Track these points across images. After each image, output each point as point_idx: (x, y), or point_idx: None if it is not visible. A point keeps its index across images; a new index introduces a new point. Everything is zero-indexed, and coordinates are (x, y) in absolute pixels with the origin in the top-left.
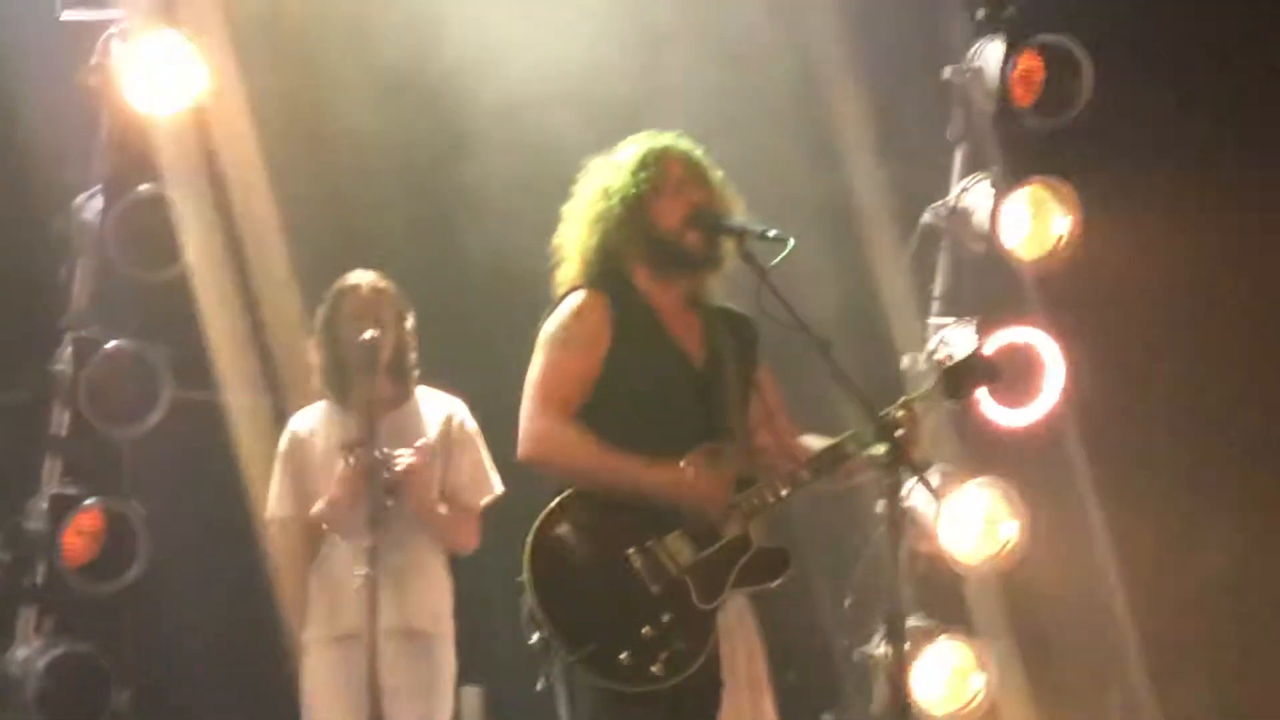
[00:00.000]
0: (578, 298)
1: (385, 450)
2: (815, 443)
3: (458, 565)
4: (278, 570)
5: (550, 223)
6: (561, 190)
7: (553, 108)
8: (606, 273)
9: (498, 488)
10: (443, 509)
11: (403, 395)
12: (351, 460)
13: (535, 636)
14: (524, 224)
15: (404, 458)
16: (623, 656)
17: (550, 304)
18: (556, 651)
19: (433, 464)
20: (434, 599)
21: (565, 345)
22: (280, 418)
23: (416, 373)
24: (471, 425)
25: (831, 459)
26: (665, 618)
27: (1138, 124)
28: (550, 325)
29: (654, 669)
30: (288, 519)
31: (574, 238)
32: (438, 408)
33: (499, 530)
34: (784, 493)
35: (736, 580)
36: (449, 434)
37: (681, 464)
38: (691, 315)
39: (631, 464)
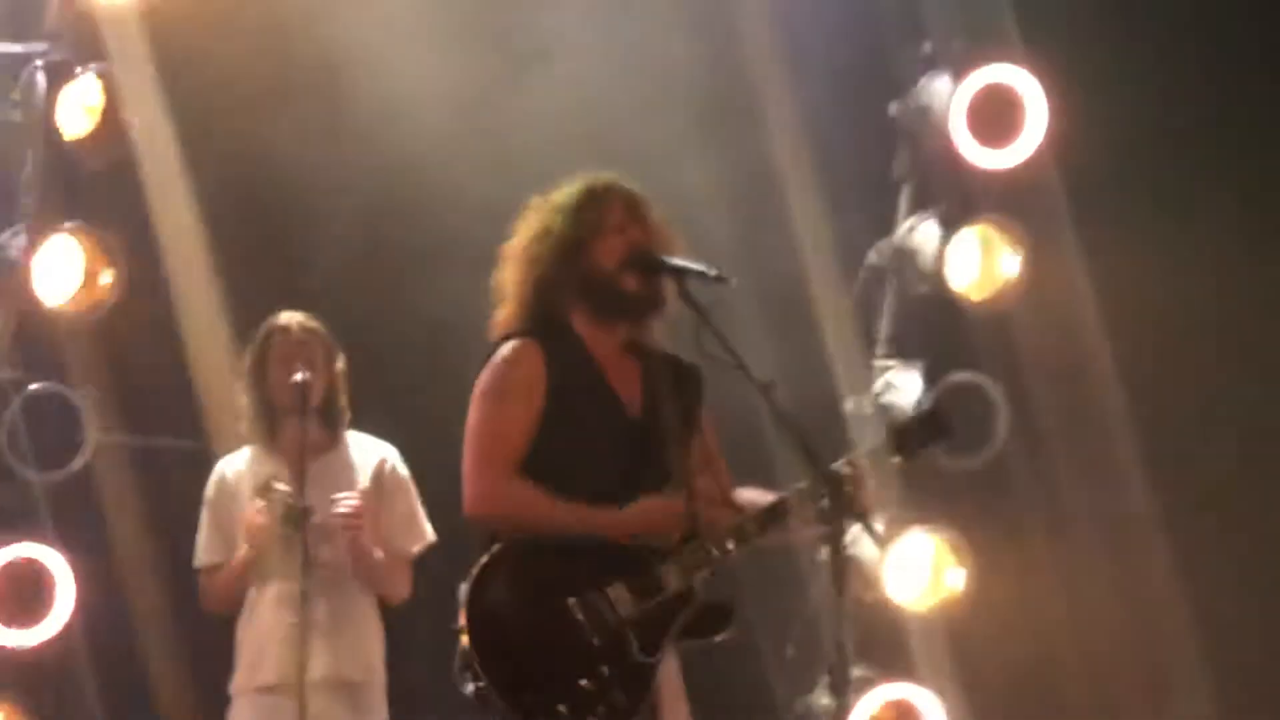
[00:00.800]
0: (510, 347)
1: (328, 497)
2: (753, 495)
3: (387, 613)
4: (204, 618)
5: (488, 264)
6: (502, 233)
7: (493, 150)
8: (543, 317)
9: (430, 535)
10: (377, 555)
11: (333, 440)
12: (261, 504)
13: (471, 687)
14: (461, 266)
15: (342, 503)
16: (560, 708)
17: (485, 352)
18: (493, 702)
19: (362, 511)
20: (366, 647)
21: (501, 397)
22: (207, 462)
23: (347, 417)
24: (404, 471)
25: (778, 514)
26: (604, 669)
27: (1092, 157)
28: (485, 377)
29: None
30: (214, 566)
31: (511, 279)
32: (369, 453)
33: (428, 577)
34: (729, 546)
35: (679, 633)
36: (381, 480)
37: (633, 505)
38: (632, 362)
39: (578, 512)
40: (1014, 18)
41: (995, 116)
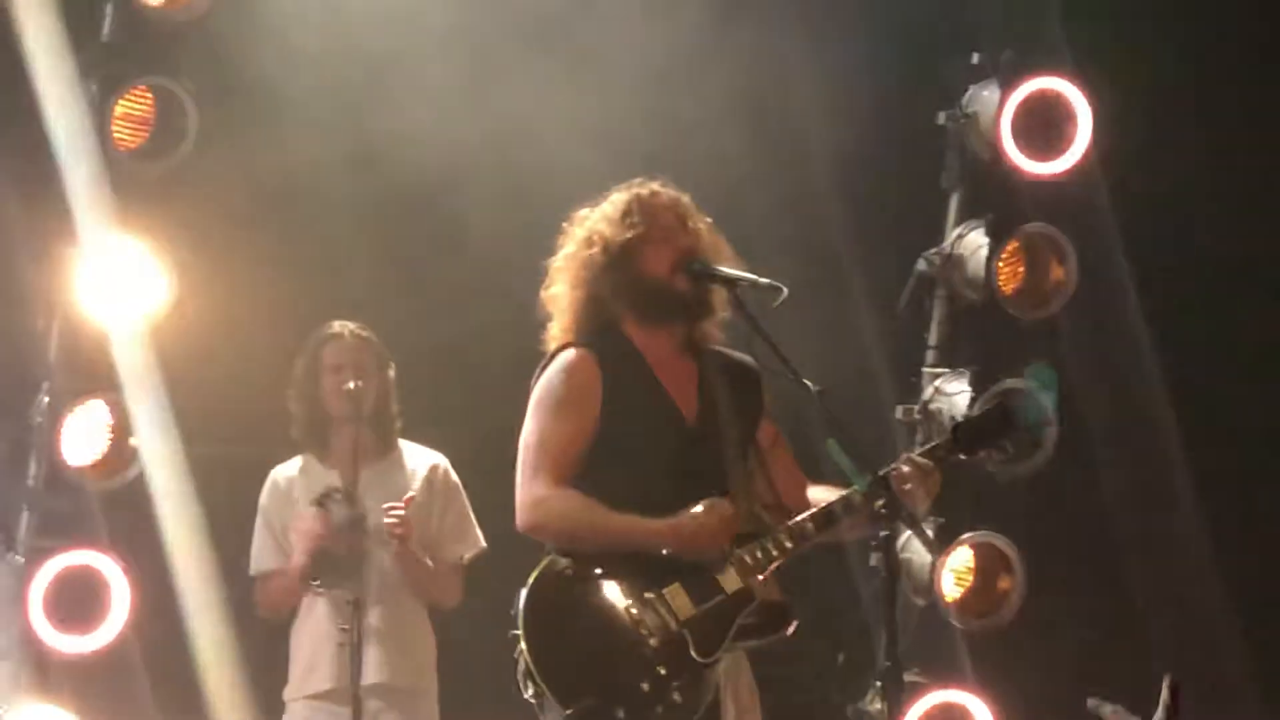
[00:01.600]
0: (566, 357)
1: (380, 504)
2: (822, 493)
3: (440, 619)
4: (258, 625)
5: (534, 272)
6: (547, 242)
7: (538, 156)
8: (596, 326)
9: (481, 542)
10: (428, 563)
11: (385, 447)
12: (316, 512)
13: (530, 692)
14: (508, 274)
15: (395, 510)
16: (620, 712)
17: (539, 362)
18: (551, 707)
19: (418, 518)
20: (418, 654)
21: (556, 408)
22: (259, 470)
23: (399, 424)
24: (455, 479)
25: (837, 512)
26: (662, 671)
27: (1137, 167)
28: (540, 387)
29: None
30: (269, 573)
31: (561, 290)
32: (421, 461)
33: (480, 584)
34: (788, 546)
35: (737, 634)
36: (433, 487)
37: (685, 513)
38: (688, 364)
39: (630, 522)
40: (1061, 29)
41: (1042, 126)
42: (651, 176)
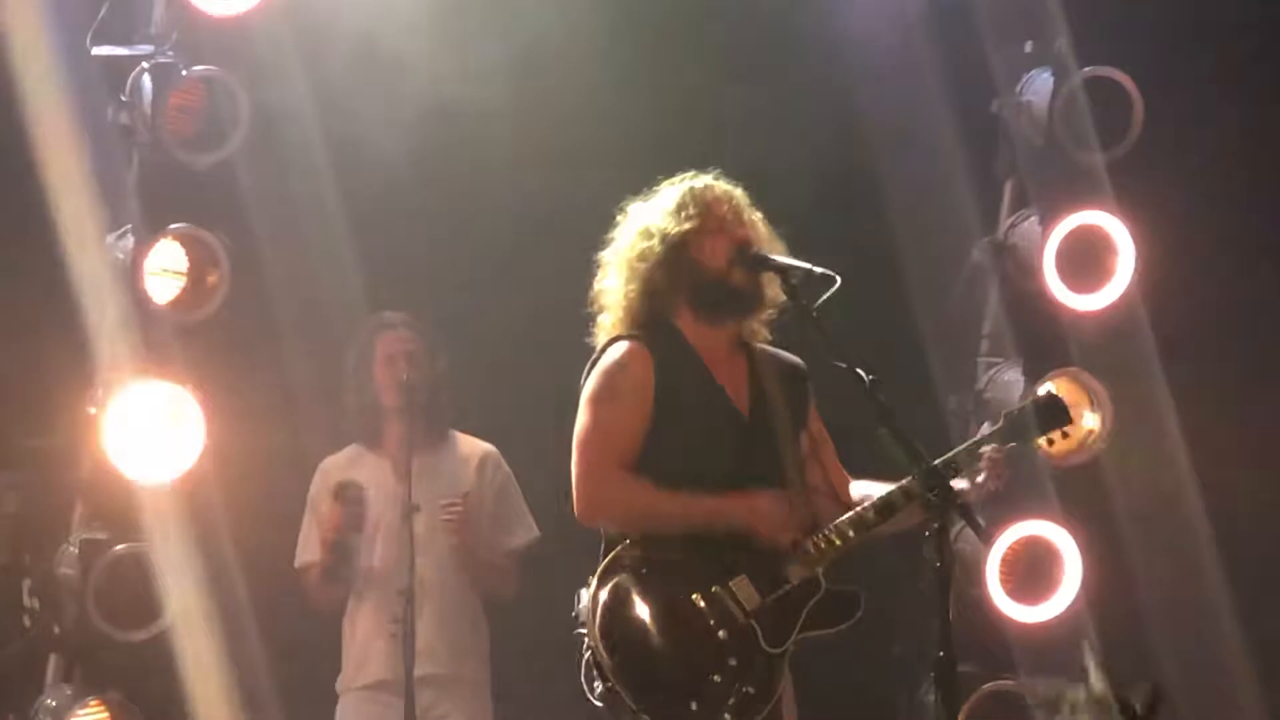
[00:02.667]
0: (619, 349)
1: (434, 495)
2: (867, 487)
3: (497, 609)
4: (309, 616)
5: (585, 266)
6: (595, 233)
7: (591, 146)
8: (650, 319)
9: (534, 530)
10: (480, 554)
11: (438, 439)
12: (337, 504)
13: (599, 688)
14: (559, 268)
15: (452, 507)
16: (693, 705)
17: (592, 355)
18: (622, 703)
19: (469, 509)
20: (470, 645)
21: (610, 400)
22: (310, 461)
23: (451, 415)
24: (506, 469)
25: (896, 502)
26: (733, 662)
27: (1190, 156)
28: (593, 380)
29: (724, 715)
30: (311, 564)
31: (615, 283)
32: (473, 452)
33: (532, 578)
34: (851, 534)
35: (805, 624)
36: (484, 478)
37: (741, 492)
38: (739, 360)
39: (694, 499)
40: (1113, 16)
41: (1086, 259)
42: (704, 170)
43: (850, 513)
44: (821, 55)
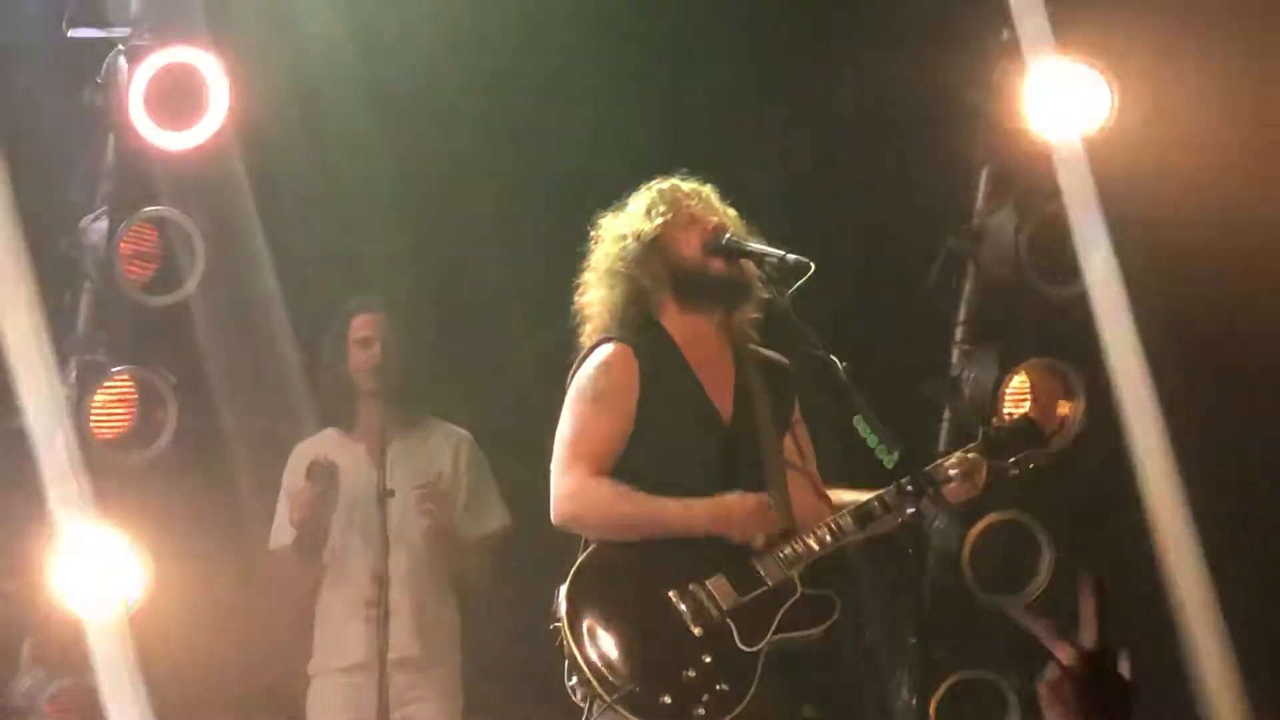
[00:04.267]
0: (604, 350)
1: (408, 479)
2: (843, 496)
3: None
4: (281, 600)
5: (568, 250)
6: (577, 221)
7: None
8: (634, 319)
9: (505, 517)
10: (453, 539)
11: (411, 422)
12: (309, 483)
13: (573, 681)
14: (538, 251)
15: (421, 485)
16: (666, 699)
17: (579, 355)
18: (597, 696)
19: (444, 494)
20: (443, 630)
21: (594, 402)
22: (284, 445)
23: (427, 400)
24: (479, 455)
25: (875, 510)
26: (707, 659)
27: (1167, 140)
28: (577, 381)
29: (698, 711)
30: (285, 548)
31: (597, 290)
32: (447, 437)
33: (504, 563)
34: (828, 541)
35: (780, 625)
36: (458, 464)
37: (721, 497)
38: (725, 358)
39: (671, 503)
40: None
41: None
42: (670, 173)
43: (829, 519)
44: (795, 43)
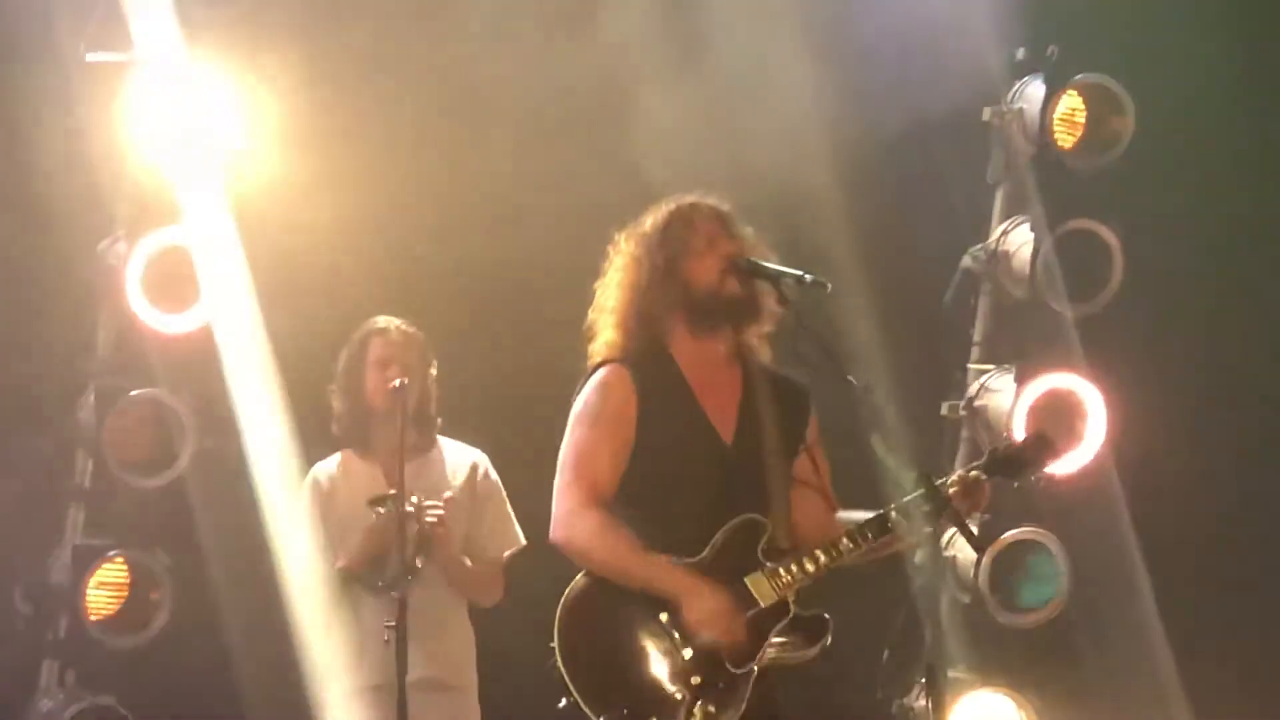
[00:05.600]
0: (603, 373)
1: (416, 501)
2: (853, 516)
3: (481, 616)
4: (303, 621)
5: (581, 275)
6: (595, 246)
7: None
8: (639, 344)
9: (521, 540)
10: (467, 561)
11: (426, 444)
12: (379, 513)
13: (563, 701)
14: (553, 272)
15: (434, 509)
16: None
17: (582, 376)
18: (586, 716)
19: (459, 516)
20: (459, 650)
21: (592, 424)
22: (302, 467)
23: (440, 421)
24: (494, 477)
25: (873, 530)
26: (696, 681)
27: (1181, 165)
28: (578, 403)
29: None
30: (312, 570)
31: (609, 310)
32: (461, 459)
33: (519, 584)
34: (823, 561)
35: (772, 646)
36: (473, 485)
37: (699, 578)
38: (733, 379)
39: (647, 565)
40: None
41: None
42: (690, 190)
43: (828, 541)
44: (814, 64)
